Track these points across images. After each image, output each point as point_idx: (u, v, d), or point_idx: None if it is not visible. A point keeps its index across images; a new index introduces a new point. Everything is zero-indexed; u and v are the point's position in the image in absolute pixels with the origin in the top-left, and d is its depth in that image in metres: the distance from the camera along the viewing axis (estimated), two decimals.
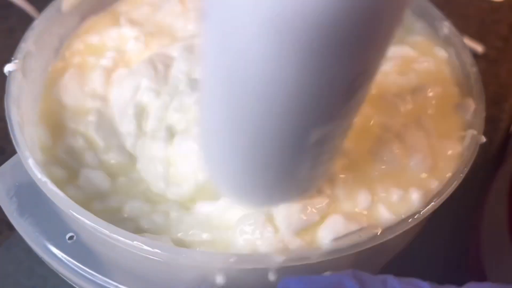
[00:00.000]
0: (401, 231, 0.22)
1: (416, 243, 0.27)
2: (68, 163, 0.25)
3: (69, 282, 0.22)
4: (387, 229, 0.22)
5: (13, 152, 0.23)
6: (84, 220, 0.20)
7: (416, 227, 0.24)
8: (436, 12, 0.32)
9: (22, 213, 0.23)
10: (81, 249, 0.22)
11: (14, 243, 0.40)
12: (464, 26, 0.32)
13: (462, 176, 0.24)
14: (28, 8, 0.42)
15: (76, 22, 0.30)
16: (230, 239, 0.22)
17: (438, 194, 0.23)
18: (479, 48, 0.54)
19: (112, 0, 0.32)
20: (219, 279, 0.21)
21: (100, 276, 0.21)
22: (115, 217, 0.23)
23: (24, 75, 0.26)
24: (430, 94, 0.29)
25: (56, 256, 0.22)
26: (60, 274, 0.22)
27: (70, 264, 0.21)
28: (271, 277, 0.20)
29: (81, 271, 0.21)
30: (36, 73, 0.28)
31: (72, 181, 0.24)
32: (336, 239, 0.21)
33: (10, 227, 0.40)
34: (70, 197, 0.21)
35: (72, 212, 0.21)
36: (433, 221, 0.26)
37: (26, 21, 0.53)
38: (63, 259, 0.21)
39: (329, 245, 0.21)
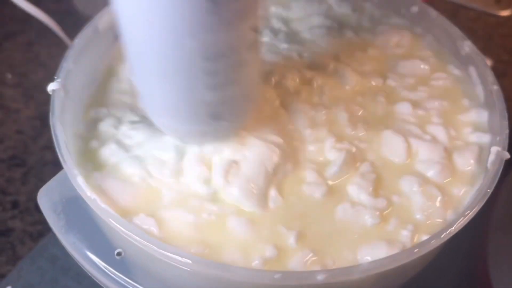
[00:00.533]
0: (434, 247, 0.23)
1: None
2: None
3: None
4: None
5: (33, 164, 0.24)
6: (134, 235, 0.21)
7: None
8: (457, 31, 0.33)
9: (70, 229, 0.23)
10: (130, 264, 0.22)
11: (38, 254, 0.40)
12: (471, 40, 0.33)
13: (489, 191, 0.25)
14: (49, 22, 0.43)
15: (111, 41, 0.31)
16: None
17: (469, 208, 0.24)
18: (487, 61, 0.55)
19: None
20: None
21: None
22: None
23: (66, 93, 0.27)
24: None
25: (104, 271, 0.22)
26: None
27: (119, 279, 0.22)
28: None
29: (130, 286, 0.22)
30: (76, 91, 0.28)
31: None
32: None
33: (33, 238, 0.41)
34: None
35: (120, 227, 0.22)
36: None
37: (44, 34, 0.54)
38: (112, 275, 0.22)
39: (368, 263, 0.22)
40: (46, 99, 0.27)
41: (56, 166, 0.25)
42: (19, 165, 0.44)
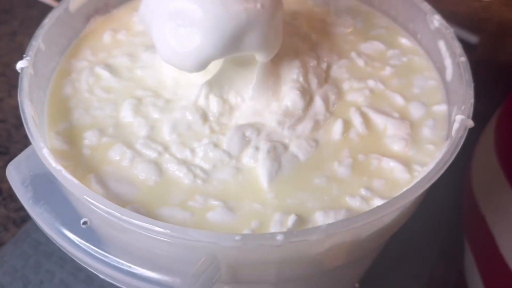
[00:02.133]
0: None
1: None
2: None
3: (84, 265, 0.23)
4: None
5: (17, 152, 0.25)
6: (98, 205, 0.22)
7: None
8: (426, 6, 0.33)
9: (37, 201, 0.24)
10: (94, 233, 0.23)
11: (22, 239, 0.41)
12: (455, 23, 0.34)
13: (451, 159, 0.26)
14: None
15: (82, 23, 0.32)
16: None
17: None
18: (473, 38, 0.57)
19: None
20: None
21: (113, 257, 0.22)
22: None
23: (36, 72, 0.27)
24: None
25: (71, 240, 0.23)
26: (75, 258, 0.23)
27: (85, 247, 0.22)
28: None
29: (95, 254, 0.22)
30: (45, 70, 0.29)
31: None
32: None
33: (17, 224, 0.42)
34: None
35: (86, 197, 0.22)
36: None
37: (27, 25, 0.54)
38: (79, 243, 0.23)
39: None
40: None
41: None
42: (2, 153, 0.45)
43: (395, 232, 0.28)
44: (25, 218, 0.41)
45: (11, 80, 0.50)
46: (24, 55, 0.28)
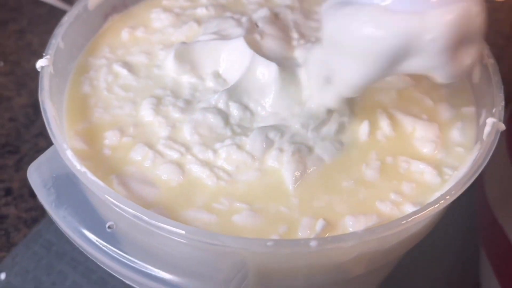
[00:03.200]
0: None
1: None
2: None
3: (109, 270, 0.23)
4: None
5: (27, 151, 0.24)
6: (126, 208, 0.21)
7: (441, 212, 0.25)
8: None
9: (60, 204, 0.23)
10: (119, 237, 0.22)
11: (33, 240, 0.40)
12: None
13: (484, 163, 0.25)
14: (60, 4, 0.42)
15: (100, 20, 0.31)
16: None
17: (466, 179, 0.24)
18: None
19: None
20: None
21: (140, 262, 0.22)
22: None
23: (55, 71, 0.27)
24: None
25: (96, 245, 0.22)
26: (99, 263, 0.23)
27: (110, 252, 0.22)
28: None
29: (121, 258, 0.22)
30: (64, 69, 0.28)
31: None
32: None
33: (28, 225, 0.41)
34: None
35: (112, 200, 0.21)
36: None
37: (36, 22, 0.54)
38: (104, 248, 0.22)
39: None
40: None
41: None
42: (12, 152, 0.44)
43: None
44: (37, 218, 0.41)
45: (20, 79, 0.49)
46: (44, 54, 0.27)
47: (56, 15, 0.45)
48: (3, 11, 0.54)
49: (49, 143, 0.25)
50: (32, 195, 0.40)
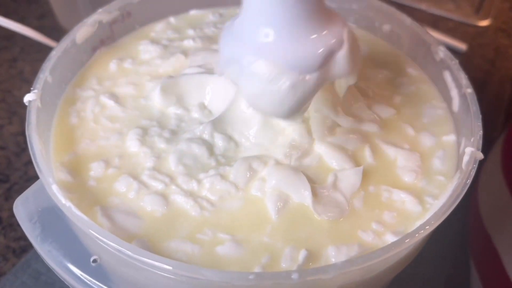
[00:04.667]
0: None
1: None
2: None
3: None
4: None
5: (17, 179, 0.24)
6: (110, 243, 0.21)
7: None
8: (431, 37, 0.33)
9: (46, 238, 0.23)
10: (104, 271, 0.22)
11: (22, 270, 0.40)
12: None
13: (463, 192, 0.25)
14: (36, 36, 0.43)
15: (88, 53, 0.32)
16: None
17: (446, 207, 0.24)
18: (463, 46, 0.58)
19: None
20: None
21: None
22: None
23: (42, 104, 0.27)
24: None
25: (80, 279, 0.22)
26: None
27: (95, 287, 0.22)
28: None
29: None
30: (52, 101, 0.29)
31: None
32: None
33: (17, 254, 0.41)
34: None
35: (96, 234, 0.22)
36: None
37: (27, 51, 0.54)
38: (88, 282, 0.22)
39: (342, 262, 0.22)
40: None
41: None
42: (2, 181, 0.44)
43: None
44: (25, 248, 0.41)
45: (11, 107, 0.49)
46: (32, 88, 0.27)
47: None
48: None
49: None
50: None
